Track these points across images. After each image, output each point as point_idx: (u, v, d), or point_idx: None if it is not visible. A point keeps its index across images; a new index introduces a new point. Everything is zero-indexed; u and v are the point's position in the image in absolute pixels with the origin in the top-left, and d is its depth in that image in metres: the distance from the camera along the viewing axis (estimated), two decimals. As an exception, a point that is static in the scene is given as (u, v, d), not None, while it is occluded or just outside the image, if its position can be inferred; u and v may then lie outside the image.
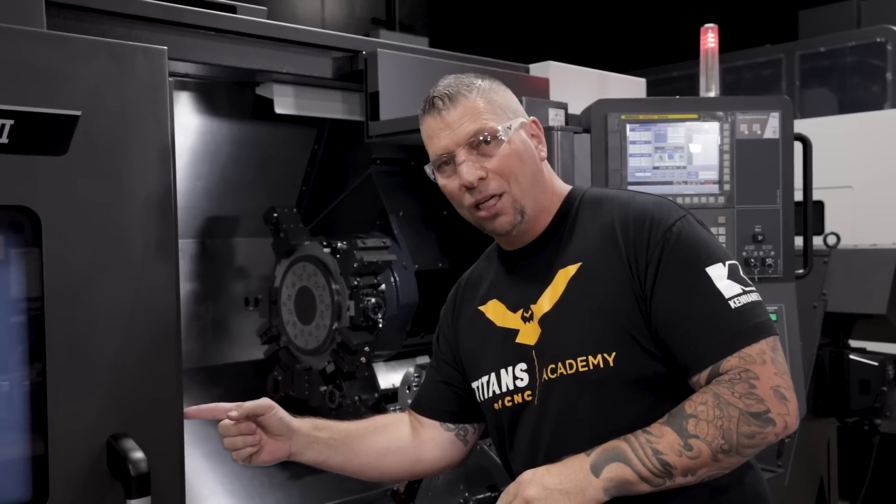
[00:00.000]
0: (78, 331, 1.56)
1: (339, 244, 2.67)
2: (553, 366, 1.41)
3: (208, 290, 2.97)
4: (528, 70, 3.05)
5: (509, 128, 1.43)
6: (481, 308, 1.58)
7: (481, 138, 1.42)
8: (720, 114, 2.30)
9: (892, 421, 3.24)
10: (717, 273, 1.34)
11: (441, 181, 1.48)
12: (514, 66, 3.05)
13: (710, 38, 2.79)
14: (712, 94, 2.69)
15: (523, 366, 1.46)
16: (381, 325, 2.63)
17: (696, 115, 2.28)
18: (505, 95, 1.50)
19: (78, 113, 1.42)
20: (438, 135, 1.44)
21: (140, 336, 1.64)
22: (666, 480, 1.27)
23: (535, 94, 2.83)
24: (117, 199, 1.59)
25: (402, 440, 1.65)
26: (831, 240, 3.25)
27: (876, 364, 3.11)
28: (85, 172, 1.54)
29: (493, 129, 1.42)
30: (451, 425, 1.65)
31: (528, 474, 1.31)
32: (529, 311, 1.47)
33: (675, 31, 5.94)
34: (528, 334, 1.46)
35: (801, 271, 2.43)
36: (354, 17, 9.32)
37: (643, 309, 1.37)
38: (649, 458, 1.26)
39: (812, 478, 3.29)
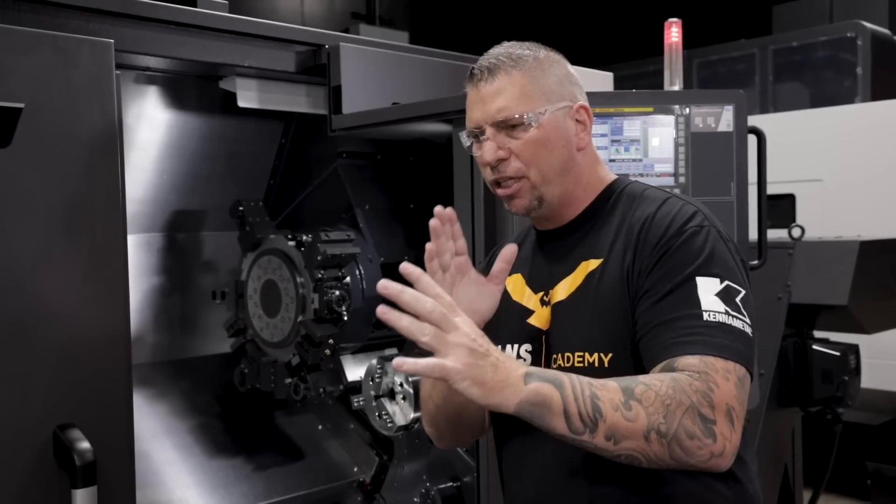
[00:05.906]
0: (23, 322, 1.57)
1: (303, 237, 2.69)
2: (555, 356, 1.40)
3: (176, 284, 2.97)
4: (494, 64, 3.06)
5: (542, 113, 1.38)
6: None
7: (507, 121, 1.38)
8: (675, 107, 2.32)
9: (853, 410, 3.29)
10: (706, 286, 1.27)
11: (473, 150, 1.45)
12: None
13: (673, 33, 2.80)
14: (676, 87, 2.70)
15: (528, 347, 1.45)
16: (345, 318, 2.65)
17: (651, 109, 2.30)
18: (555, 74, 1.43)
19: (21, 105, 1.43)
20: (472, 107, 1.42)
21: (88, 328, 1.65)
22: (587, 432, 1.16)
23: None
24: (62, 190, 1.60)
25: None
26: (796, 232, 3.29)
27: (838, 354, 3.15)
28: (28, 164, 1.55)
29: (520, 115, 1.37)
30: None
31: (466, 332, 1.15)
32: (549, 296, 1.45)
33: (651, 26, 5.96)
34: (541, 318, 1.45)
35: (755, 262, 2.46)
36: (334, 11, 9.31)
37: (633, 307, 1.32)
38: (585, 398, 1.16)
39: (777, 466, 3.33)
